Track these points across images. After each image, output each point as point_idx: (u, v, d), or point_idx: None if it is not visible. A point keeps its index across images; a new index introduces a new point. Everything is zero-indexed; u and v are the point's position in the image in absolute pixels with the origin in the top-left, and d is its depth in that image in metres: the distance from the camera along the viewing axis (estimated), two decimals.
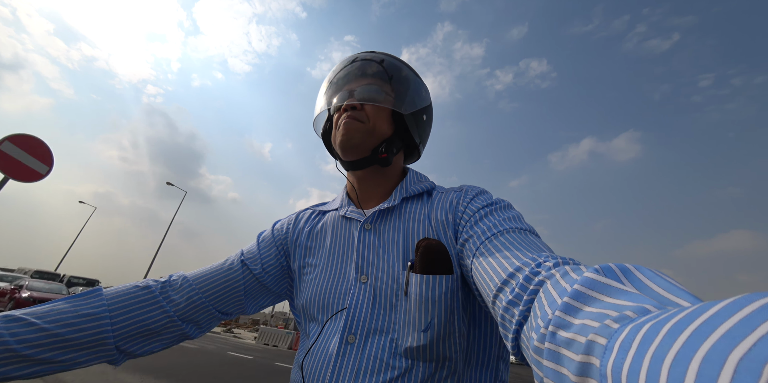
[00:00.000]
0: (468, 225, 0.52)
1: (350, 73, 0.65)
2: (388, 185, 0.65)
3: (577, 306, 0.23)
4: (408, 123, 0.63)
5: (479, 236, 0.47)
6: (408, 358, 0.48)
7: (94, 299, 0.51)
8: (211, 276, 0.60)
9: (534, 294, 0.31)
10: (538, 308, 0.28)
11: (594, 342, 0.19)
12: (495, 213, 0.52)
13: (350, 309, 0.53)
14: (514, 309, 0.32)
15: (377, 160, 0.61)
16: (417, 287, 0.48)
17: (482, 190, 0.60)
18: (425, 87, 0.70)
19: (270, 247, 0.67)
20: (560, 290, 0.27)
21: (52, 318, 0.46)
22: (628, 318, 0.19)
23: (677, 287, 0.22)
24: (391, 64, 0.66)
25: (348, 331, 0.51)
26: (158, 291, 0.56)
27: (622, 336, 0.17)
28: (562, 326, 0.23)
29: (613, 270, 0.25)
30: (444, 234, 0.55)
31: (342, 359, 0.50)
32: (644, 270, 0.24)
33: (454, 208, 0.57)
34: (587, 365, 0.19)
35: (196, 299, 0.57)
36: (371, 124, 0.60)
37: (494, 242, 0.44)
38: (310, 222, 0.69)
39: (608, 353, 0.17)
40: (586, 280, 0.24)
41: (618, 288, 0.23)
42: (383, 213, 0.61)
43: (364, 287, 0.54)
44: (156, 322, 0.53)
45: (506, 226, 0.46)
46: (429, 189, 0.64)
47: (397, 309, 0.51)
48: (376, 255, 0.56)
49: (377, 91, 0.62)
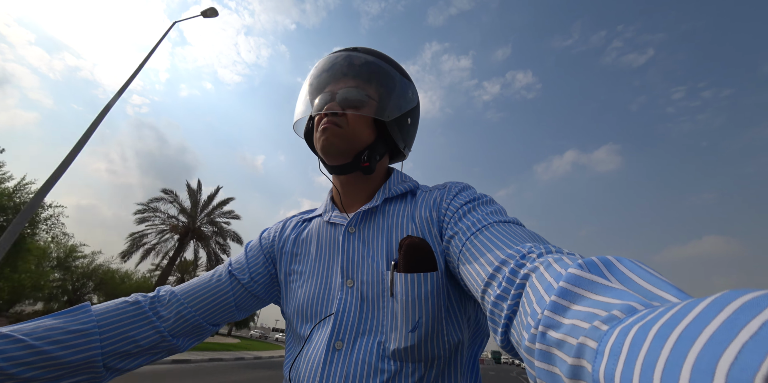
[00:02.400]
0: (452, 222, 0.51)
1: (332, 74, 0.61)
2: (372, 187, 0.64)
3: (565, 304, 0.23)
4: (390, 129, 0.61)
5: (464, 232, 0.47)
6: (397, 360, 0.47)
7: (83, 315, 0.49)
8: (200, 289, 0.59)
9: (521, 288, 0.31)
10: (527, 304, 0.28)
11: (585, 345, 0.19)
12: (478, 208, 0.51)
13: (337, 315, 0.52)
14: (503, 304, 0.32)
15: (359, 168, 0.60)
16: (402, 286, 0.47)
17: (465, 186, 0.59)
18: (412, 87, 0.66)
19: (257, 256, 0.65)
20: (546, 285, 0.27)
21: (40, 335, 0.44)
22: (616, 318, 0.19)
23: (660, 279, 0.22)
24: (375, 65, 0.62)
25: (335, 337, 0.51)
26: (148, 306, 0.54)
27: (612, 339, 0.17)
28: (552, 326, 0.23)
29: (597, 264, 0.25)
30: (429, 231, 0.54)
31: (330, 366, 0.48)
32: (626, 262, 0.24)
33: (438, 205, 0.56)
34: (579, 368, 0.19)
35: (186, 313, 0.55)
36: (351, 130, 0.58)
37: (479, 237, 0.44)
38: (296, 229, 0.67)
39: (599, 357, 0.17)
40: (571, 277, 0.24)
41: (603, 284, 0.23)
42: (366, 214, 0.60)
43: (350, 291, 0.54)
44: (146, 338, 0.52)
45: (490, 220, 0.46)
46: (413, 188, 0.63)
47: (384, 311, 0.50)
48: (361, 258, 0.55)
49: (359, 94, 0.58)
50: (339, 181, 0.65)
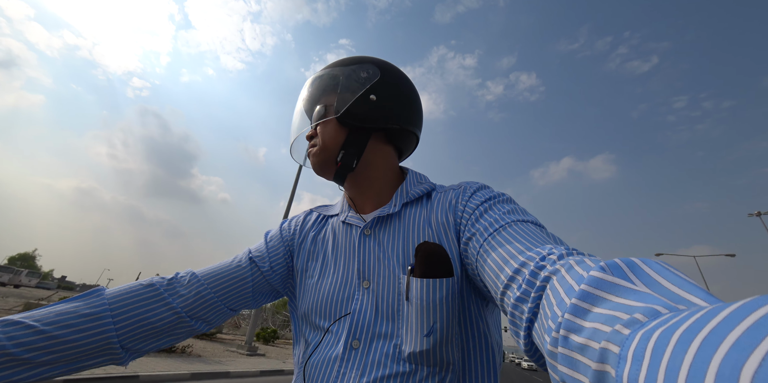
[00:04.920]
0: (469, 223, 0.51)
1: (302, 105, 0.67)
2: (380, 186, 0.64)
3: (586, 307, 0.23)
4: (350, 120, 0.59)
5: (481, 233, 0.46)
6: (412, 363, 0.47)
7: (95, 299, 0.50)
8: (220, 272, 0.60)
9: (541, 290, 0.30)
10: (547, 307, 0.27)
11: (607, 349, 0.19)
12: (495, 207, 0.50)
13: (354, 315, 0.53)
14: (523, 306, 0.31)
15: (341, 170, 0.61)
16: (418, 291, 0.47)
17: (482, 186, 0.58)
18: (365, 67, 0.62)
19: (278, 247, 0.67)
20: (567, 288, 0.26)
21: (51, 320, 0.45)
22: (638, 322, 0.18)
23: (687, 282, 0.21)
24: (316, 79, 0.65)
25: (353, 337, 0.51)
26: (163, 287, 0.54)
27: (634, 344, 0.17)
28: (574, 330, 0.22)
29: (620, 266, 0.24)
30: (445, 235, 0.54)
31: (347, 364, 0.49)
32: (652, 263, 0.23)
33: (454, 208, 0.56)
34: (603, 374, 0.19)
35: (206, 294, 0.56)
36: (322, 142, 0.61)
37: (497, 238, 0.43)
38: (316, 225, 0.69)
39: (623, 363, 0.17)
40: (593, 280, 0.24)
41: (626, 287, 0.22)
42: (383, 219, 0.60)
43: (366, 292, 0.54)
44: (162, 320, 0.52)
45: (508, 220, 0.45)
46: (429, 190, 0.63)
47: (399, 314, 0.50)
48: (377, 260, 0.56)
49: (319, 111, 0.62)
50: (345, 187, 0.67)
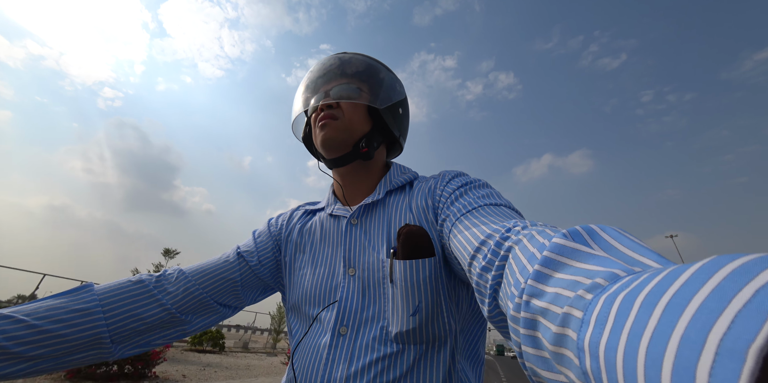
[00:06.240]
0: (445, 207, 0.53)
1: (325, 75, 0.66)
2: (372, 180, 0.66)
3: (548, 273, 0.23)
4: (384, 117, 0.64)
5: (455, 214, 0.48)
6: (399, 343, 0.49)
7: (85, 294, 0.50)
8: (207, 268, 0.60)
9: (505, 259, 0.31)
10: (510, 275, 0.28)
11: (570, 314, 0.19)
12: (471, 191, 0.53)
13: (341, 302, 0.54)
14: (487, 275, 0.32)
15: (359, 155, 0.62)
16: (401, 273, 0.49)
17: (460, 173, 0.61)
18: (399, 81, 0.71)
19: (267, 241, 0.68)
20: (529, 255, 0.27)
21: (42, 315, 0.45)
22: (599, 286, 0.18)
23: (642, 246, 0.22)
24: (363, 62, 0.67)
25: (340, 324, 0.52)
26: (152, 284, 0.55)
27: (597, 308, 0.17)
28: (536, 295, 0.23)
29: (580, 233, 0.24)
30: (425, 218, 0.56)
31: (335, 350, 0.50)
32: (609, 229, 0.24)
33: (433, 193, 0.59)
34: (564, 336, 0.19)
35: (193, 290, 0.57)
36: (348, 120, 0.61)
37: (469, 217, 0.45)
38: (302, 219, 0.70)
39: (585, 327, 0.17)
40: (555, 246, 0.24)
41: (586, 252, 0.23)
42: (368, 207, 0.62)
43: (352, 279, 0.55)
44: (152, 316, 0.53)
45: (481, 203, 0.47)
46: (411, 180, 0.65)
47: (385, 297, 0.52)
48: (362, 248, 0.57)
49: (352, 89, 0.63)
50: (339, 175, 0.67)
